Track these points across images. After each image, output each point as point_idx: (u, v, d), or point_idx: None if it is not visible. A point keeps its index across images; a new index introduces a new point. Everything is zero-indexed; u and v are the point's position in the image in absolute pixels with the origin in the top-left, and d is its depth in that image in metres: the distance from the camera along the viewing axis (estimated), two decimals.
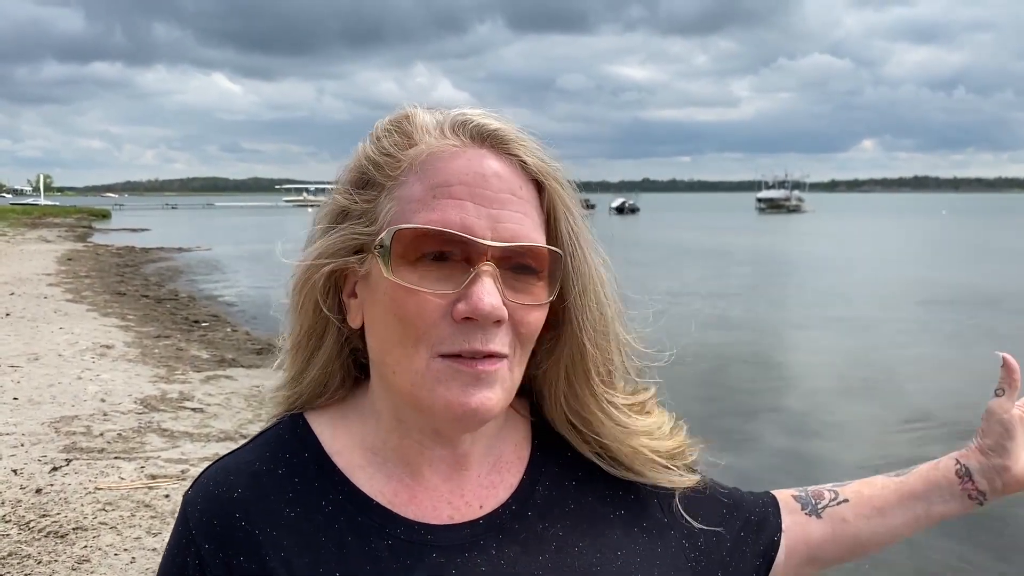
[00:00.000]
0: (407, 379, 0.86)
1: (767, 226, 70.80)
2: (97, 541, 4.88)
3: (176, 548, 0.91)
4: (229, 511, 0.90)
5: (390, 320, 0.86)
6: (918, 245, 46.62)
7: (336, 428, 0.97)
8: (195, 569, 0.88)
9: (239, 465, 0.94)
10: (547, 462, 1.00)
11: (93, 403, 8.09)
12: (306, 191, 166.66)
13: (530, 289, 0.87)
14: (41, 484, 5.76)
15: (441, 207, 0.84)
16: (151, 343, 11.87)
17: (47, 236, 40.03)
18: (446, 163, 0.87)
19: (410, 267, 0.84)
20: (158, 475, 6.08)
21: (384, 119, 0.94)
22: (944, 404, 10.59)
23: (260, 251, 37.90)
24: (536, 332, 0.90)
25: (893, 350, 14.41)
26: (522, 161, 0.89)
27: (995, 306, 19.57)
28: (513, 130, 0.90)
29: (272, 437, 0.97)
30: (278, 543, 0.88)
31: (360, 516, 0.90)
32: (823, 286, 24.52)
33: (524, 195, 0.88)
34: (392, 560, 0.88)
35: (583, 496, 0.98)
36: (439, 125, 0.90)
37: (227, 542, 0.88)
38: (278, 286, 1.06)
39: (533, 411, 1.03)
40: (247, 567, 0.87)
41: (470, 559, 0.90)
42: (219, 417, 7.93)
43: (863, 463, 8.30)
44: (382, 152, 0.90)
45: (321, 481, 0.92)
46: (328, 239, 0.92)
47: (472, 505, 0.94)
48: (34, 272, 21.45)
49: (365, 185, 0.91)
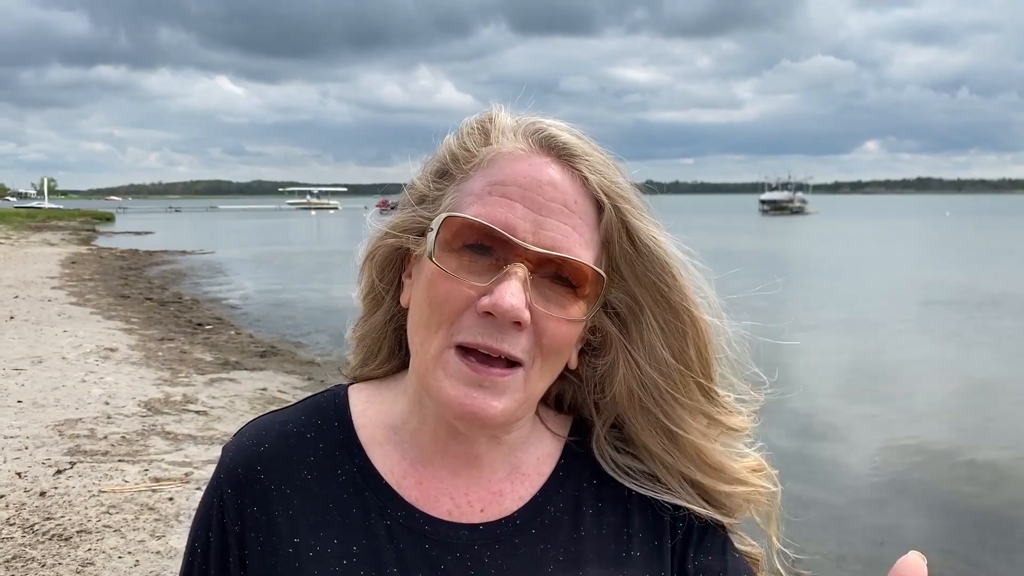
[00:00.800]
0: (423, 361, 0.89)
1: (770, 228, 70.72)
2: (101, 544, 4.88)
3: (208, 489, 0.98)
4: (253, 463, 0.95)
5: (423, 301, 0.89)
6: (922, 246, 46.52)
7: (369, 402, 1.00)
8: (218, 510, 0.95)
9: (274, 423, 0.99)
10: (568, 484, 0.98)
11: (97, 406, 8.10)
12: (309, 194, 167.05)
13: (564, 302, 0.87)
14: (45, 487, 5.77)
15: (492, 203, 0.87)
16: (155, 346, 11.88)
17: (51, 239, 40.10)
18: (509, 164, 0.89)
19: (452, 254, 0.87)
20: (162, 478, 6.08)
21: (473, 116, 0.97)
22: (948, 406, 10.57)
23: (263, 254, 38.00)
24: (562, 347, 0.89)
25: (897, 351, 14.38)
26: (584, 176, 0.89)
27: (999, 307, 19.53)
28: (583, 146, 0.91)
29: (312, 403, 1.02)
30: (289, 501, 0.93)
31: (367, 491, 0.93)
32: (826, 287, 24.47)
33: (578, 209, 0.88)
34: (387, 540, 0.90)
35: (599, 527, 0.96)
36: (515, 129, 0.93)
37: (245, 491, 0.94)
38: (282, 288, 1.08)
39: (575, 431, 1.02)
40: (257, 517, 0.92)
41: (461, 560, 0.90)
42: (223, 420, 7.93)
43: (868, 465, 8.29)
44: (461, 147, 0.94)
45: (341, 451, 0.96)
46: (398, 218, 0.96)
47: (474, 506, 0.94)
48: (38, 275, 21.48)
49: (443, 175, 0.94)
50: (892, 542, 6.27)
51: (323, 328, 15.35)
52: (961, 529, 6.80)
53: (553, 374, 0.92)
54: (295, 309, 18.31)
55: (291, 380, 10.32)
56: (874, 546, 6.10)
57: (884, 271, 30.01)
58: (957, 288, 23.30)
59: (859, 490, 7.54)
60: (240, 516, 0.93)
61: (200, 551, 0.96)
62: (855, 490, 7.51)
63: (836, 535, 6.20)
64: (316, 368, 11.43)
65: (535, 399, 0.91)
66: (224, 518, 0.94)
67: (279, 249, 42.31)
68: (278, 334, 14.63)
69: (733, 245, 43.73)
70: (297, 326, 15.80)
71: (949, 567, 6.01)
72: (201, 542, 0.96)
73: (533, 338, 0.86)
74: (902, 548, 1.24)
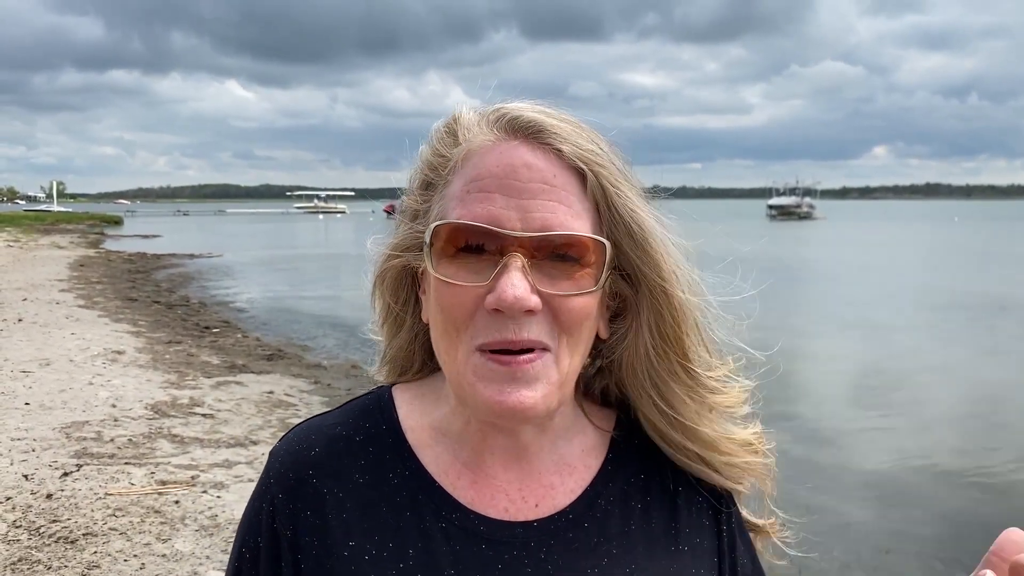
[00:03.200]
0: (453, 371, 0.89)
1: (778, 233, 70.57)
2: (107, 547, 4.89)
3: (256, 494, 0.97)
4: (304, 467, 0.95)
5: (437, 313, 0.89)
6: (930, 252, 46.35)
7: (413, 405, 1.01)
8: (268, 515, 0.94)
9: (323, 427, 0.99)
10: (617, 478, 0.99)
11: (104, 408, 8.12)
12: (317, 197, 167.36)
13: (571, 277, 0.86)
14: (52, 489, 5.78)
15: (471, 201, 0.86)
16: (162, 349, 11.91)
17: (60, 242, 40.28)
18: (481, 158, 0.89)
19: (449, 261, 0.87)
20: (168, 481, 6.09)
21: (440, 121, 0.97)
22: (955, 413, 10.52)
23: (271, 257, 38.07)
24: (582, 320, 0.88)
25: (905, 358, 14.33)
26: (556, 149, 0.88)
27: (1008, 313, 19.45)
28: (550, 120, 0.90)
29: (359, 405, 1.02)
30: (342, 504, 0.93)
31: (421, 494, 0.94)
32: (835, 293, 24.41)
33: (559, 183, 0.87)
34: (443, 543, 0.90)
35: (648, 522, 0.97)
36: (479, 121, 0.92)
37: (297, 495, 0.94)
38: (289, 292, 1.08)
39: (619, 426, 1.02)
40: (311, 521, 0.92)
41: (518, 558, 0.91)
42: (229, 423, 7.94)
43: (874, 472, 8.25)
44: (435, 154, 0.94)
45: (392, 454, 0.96)
46: (396, 238, 0.97)
47: (528, 502, 0.95)
48: (46, 278, 21.57)
49: (427, 187, 0.94)
50: (898, 550, 6.23)
51: (329, 332, 15.37)
52: (968, 538, 6.75)
53: (585, 347, 0.91)
54: (302, 313, 18.33)
55: (298, 383, 10.33)
56: (879, 554, 6.07)
57: (891, 276, 29.92)
58: (965, 294, 23.20)
59: (865, 497, 7.51)
60: (292, 520, 0.93)
61: (249, 556, 0.95)
62: (861, 497, 7.47)
63: (841, 542, 6.17)
64: (323, 371, 11.44)
65: (572, 378, 0.91)
66: (275, 523, 0.94)
67: (286, 253, 42.41)
68: (285, 337, 14.64)
69: (740, 250, 43.38)
70: (304, 330, 15.82)
71: (955, 562, 5.98)
72: (250, 547, 0.95)
73: (550, 319, 0.86)
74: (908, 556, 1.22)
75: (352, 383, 10.52)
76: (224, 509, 5.57)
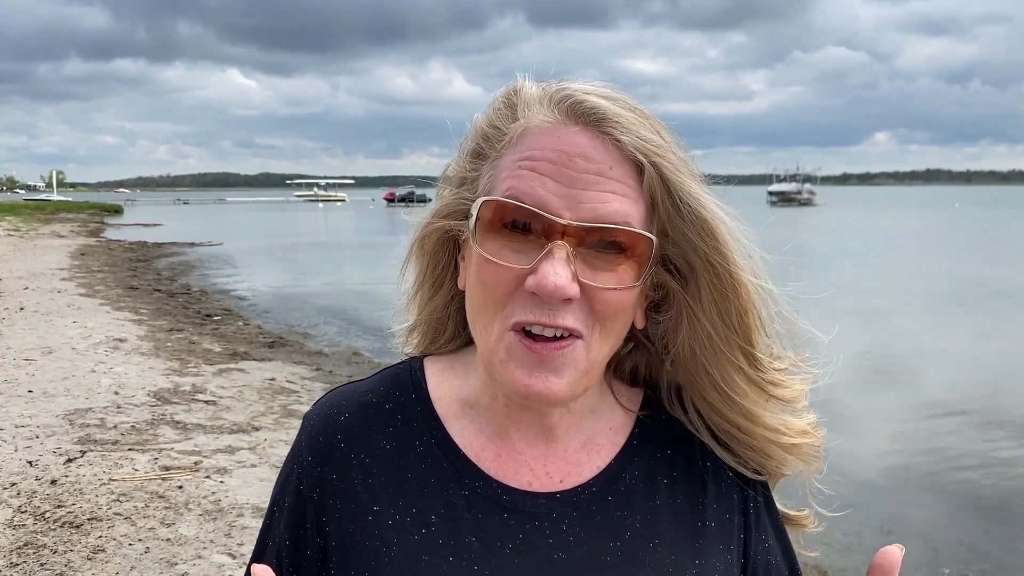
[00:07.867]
0: (486, 346, 0.89)
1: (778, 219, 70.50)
2: (112, 531, 4.92)
3: (290, 455, 1.00)
4: (333, 431, 0.97)
5: (476, 285, 0.89)
6: (930, 237, 46.32)
7: (443, 376, 1.01)
8: (298, 476, 0.97)
9: (354, 393, 1.01)
10: (642, 453, 0.98)
11: (107, 396, 8.14)
12: (317, 186, 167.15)
13: (614, 269, 0.86)
14: (56, 475, 5.81)
15: (522, 178, 0.86)
16: (164, 336, 11.93)
17: (60, 231, 40.26)
18: (537, 138, 0.87)
19: (494, 236, 0.86)
20: (171, 467, 6.11)
21: (500, 90, 0.96)
22: (957, 396, 10.54)
23: (271, 246, 38.07)
24: (618, 312, 0.88)
25: (907, 342, 14.35)
26: (616, 140, 0.86)
27: (1010, 298, 19.45)
28: (614, 106, 0.87)
29: (390, 374, 1.03)
30: (368, 469, 0.94)
31: (445, 462, 0.95)
32: (834, 278, 24.40)
33: (615, 175, 0.85)
34: (465, 510, 0.92)
35: (674, 496, 0.97)
36: (541, 99, 0.90)
37: (326, 458, 0.96)
38: (290, 279, 1.09)
39: (646, 406, 1.02)
40: (337, 484, 0.94)
41: (539, 528, 0.91)
42: (231, 409, 7.97)
43: (876, 454, 8.28)
44: (491, 125, 0.92)
45: (419, 422, 0.97)
46: (442, 202, 0.96)
47: (553, 477, 0.95)
48: (47, 267, 21.58)
49: (478, 155, 0.93)
50: (900, 531, 6.26)
51: (331, 319, 15.37)
52: (970, 519, 6.79)
53: (617, 337, 0.91)
54: (303, 300, 18.33)
55: (299, 370, 10.36)
56: (881, 535, 6.09)
57: (891, 261, 29.90)
58: (967, 279, 23.21)
59: (867, 479, 7.53)
60: (319, 483, 0.95)
61: (277, 513, 0.98)
62: (863, 479, 7.50)
63: (843, 524, 6.19)
64: (324, 358, 11.46)
65: (600, 365, 0.91)
66: (301, 484, 0.96)
67: (287, 241, 42.38)
68: (286, 325, 14.65)
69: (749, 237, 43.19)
70: (305, 317, 15.82)
71: (957, 557, 6.00)
72: (279, 505, 0.98)
73: (587, 307, 0.86)
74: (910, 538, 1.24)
75: (353, 370, 10.54)
76: (227, 494, 5.60)
